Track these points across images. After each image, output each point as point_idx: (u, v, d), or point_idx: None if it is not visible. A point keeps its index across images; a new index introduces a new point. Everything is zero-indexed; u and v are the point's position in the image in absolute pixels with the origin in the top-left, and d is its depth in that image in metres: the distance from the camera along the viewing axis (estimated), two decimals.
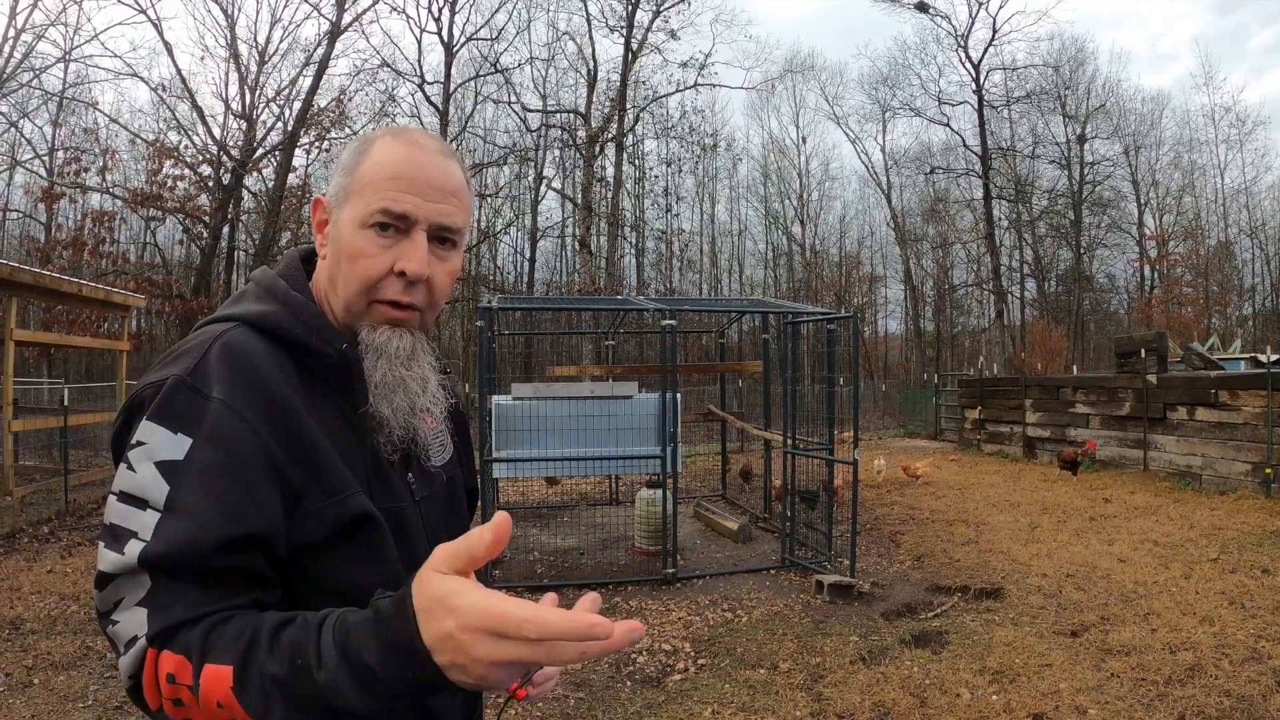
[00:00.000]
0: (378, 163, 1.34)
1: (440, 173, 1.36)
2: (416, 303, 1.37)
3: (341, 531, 1.24)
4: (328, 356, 1.32)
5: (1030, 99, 41.30)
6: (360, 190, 1.34)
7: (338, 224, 1.37)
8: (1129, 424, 14.73)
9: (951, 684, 5.46)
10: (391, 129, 1.41)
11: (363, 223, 1.32)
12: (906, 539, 9.88)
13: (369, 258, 1.33)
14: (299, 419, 1.23)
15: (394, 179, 1.32)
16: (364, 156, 1.36)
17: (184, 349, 1.25)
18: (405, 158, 1.34)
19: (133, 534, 1.09)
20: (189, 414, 1.15)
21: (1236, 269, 42.63)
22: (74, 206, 31.61)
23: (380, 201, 1.31)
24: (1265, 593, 7.18)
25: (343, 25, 29.76)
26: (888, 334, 50.99)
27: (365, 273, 1.33)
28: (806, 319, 9.99)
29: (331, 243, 1.38)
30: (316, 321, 1.34)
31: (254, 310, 1.32)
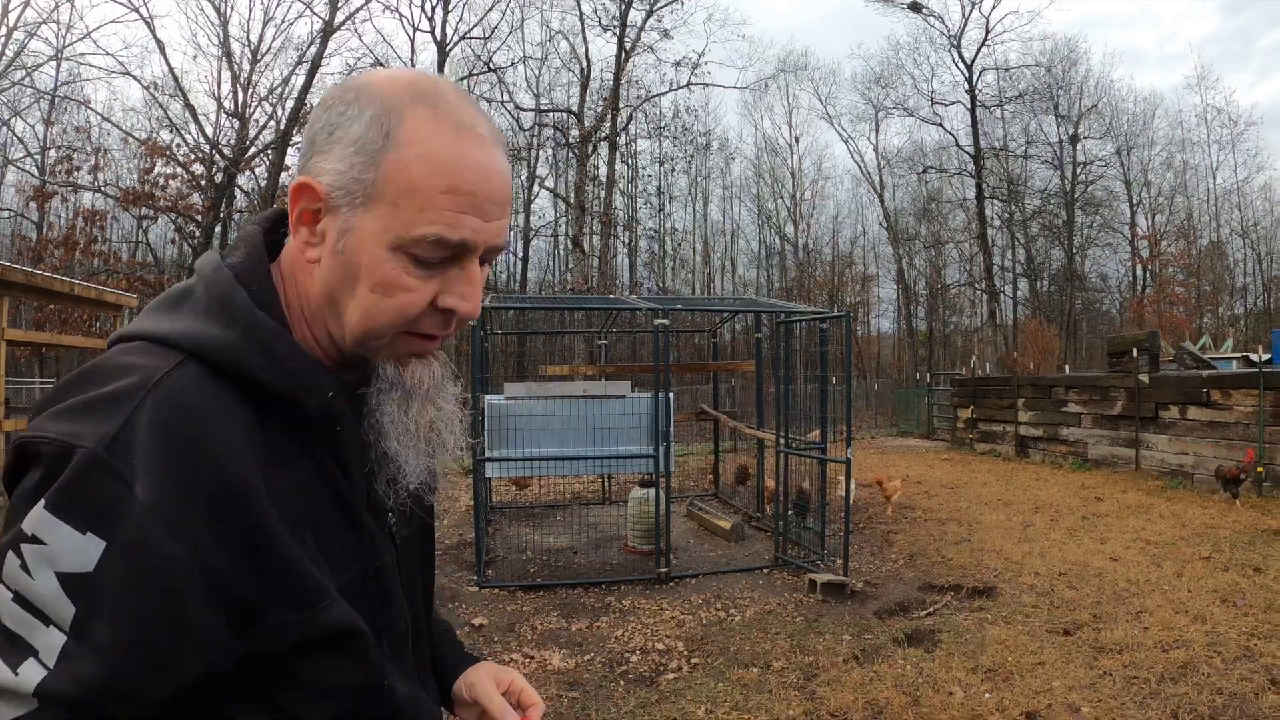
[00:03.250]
0: (424, 160, 0.96)
1: (501, 180, 1.01)
2: (450, 334, 1.09)
3: (311, 646, 0.97)
4: (308, 411, 1.01)
5: (1023, 99, 41.41)
6: (396, 199, 0.96)
7: (353, 233, 0.98)
8: (1121, 423, 14.76)
9: (944, 682, 5.46)
10: (421, 89, 1.00)
11: (400, 246, 0.97)
12: (899, 538, 9.88)
13: (407, 291, 0.99)
14: (256, 512, 0.91)
15: (452, 194, 0.96)
16: (396, 140, 0.96)
17: (100, 392, 0.89)
18: (462, 157, 0.97)
19: (32, 651, 0.82)
20: (104, 509, 0.83)
21: (1228, 269, 42.81)
22: (66, 205, 31.53)
23: (434, 227, 0.96)
24: (1257, 591, 7.20)
25: (335, 24, 29.72)
26: (880, 333, 51.09)
27: (402, 309, 1.00)
28: (799, 318, 9.99)
29: (337, 254, 1.00)
30: (292, 361, 1.00)
31: (205, 336, 0.96)
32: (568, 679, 5.77)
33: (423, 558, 1.30)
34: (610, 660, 6.11)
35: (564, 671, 5.91)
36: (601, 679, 5.78)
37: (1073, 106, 42.11)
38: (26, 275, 12.85)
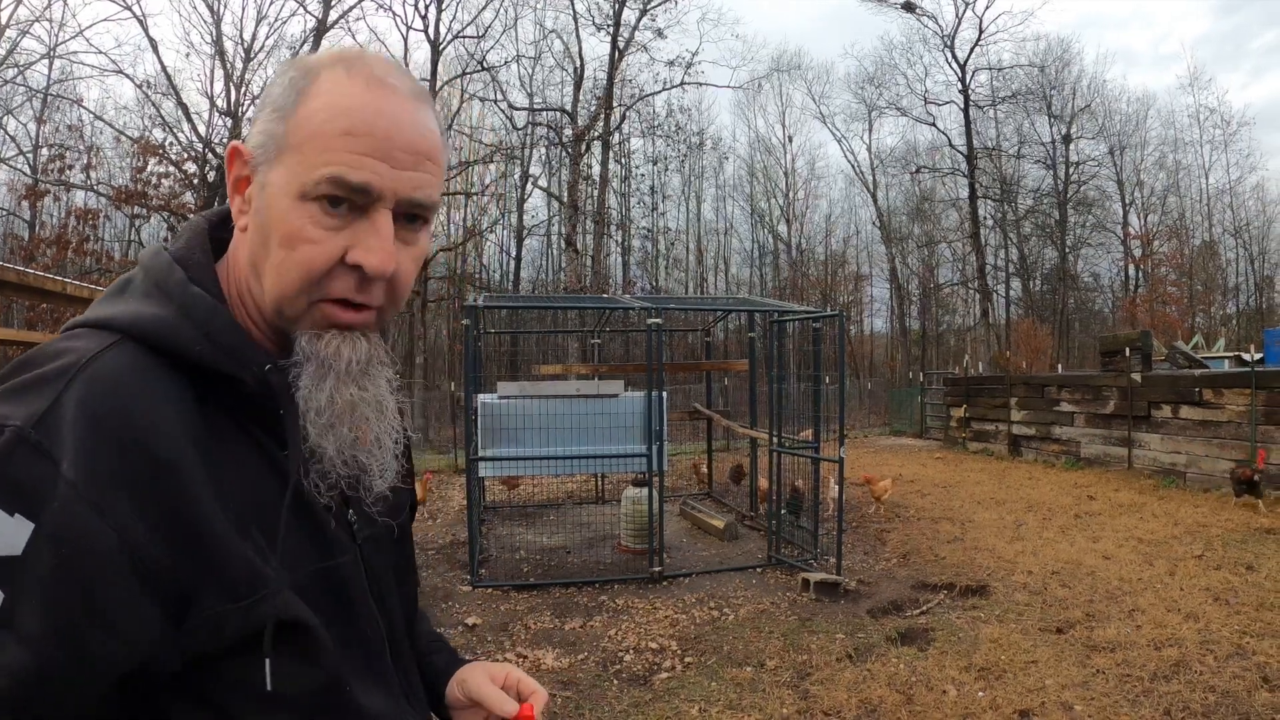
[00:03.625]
0: (328, 107, 0.96)
1: (413, 128, 0.99)
2: (373, 302, 1.01)
3: (251, 641, 0.91)
4: (242, 384, 0.96)
5: (1016, 99, 41.45)
6: (300, 145, 0.96)
7: (266, 189, 0.98)
8: (1114, 422, 14.79)
9: (938, 681, 5.47)
10: (343, 55, 1.01)
11: (303, 193, 0.95)
12: (892, 537, 9.89)
13: (311, 243, 0.96)
14: (190, 493, 0.87)
15: (349, 135, 0.95)
16: (306, 95, 0.97)
17: (36, 373, 0.88)
18: (367, 104, 0.96)
19: None
20: (30, 489, 0.80)
21: (1220, 268, 42.87)
22: (58, 204, 31.45)
23: (330, 167, 0.94)
24: (1249, 589, 7.21)
25: (329, 22, 29.70)
26: (873, 333, 51.04)
27: (307, 264, 0.96)
28: (792, 317, 9.99)
29: (255, 214, 0.99)
30: (227, 335, 0.96)
31: (140, 315, 0.95)
32: (561, 678, 5.77)
33: (397, 562, 1.23)
34: (604, 660, 6.11)
35: (557, 671, 5.91)
36: (595, 678, 5.78)
37: (1066, 106, 42.20)
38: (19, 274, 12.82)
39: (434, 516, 11.97)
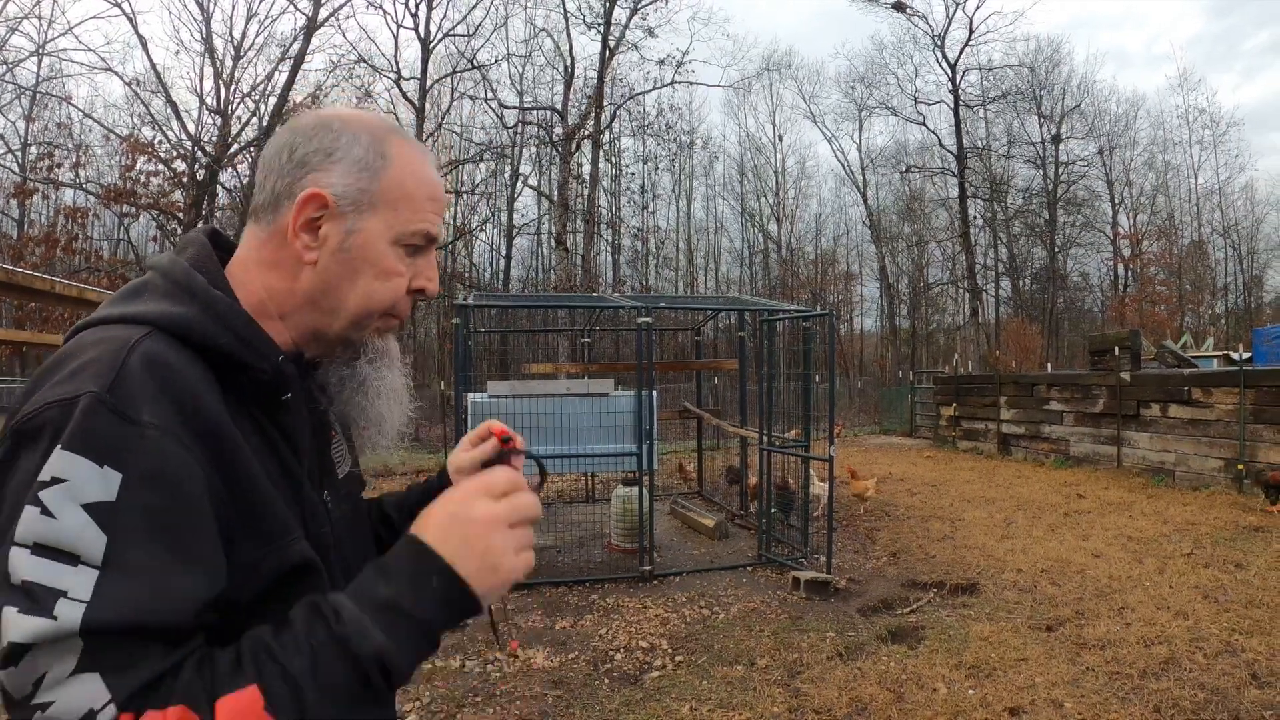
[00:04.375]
0: (415, 176, 1.23)
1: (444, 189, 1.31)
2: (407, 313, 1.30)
3: (279, 584, 1.05)
4: (261, 372, 1.11)
5: (1006, 99, 41.58)
6: (395, 203, 1.20)
7: (362, 234, 1.19)
8: (1103, 421, 14.83)
9: (928, 679, 5.48)
10: (393, 126, 1.27)
11: (397, 239, 1.21)
12: (882, 535, 9.91)
13: (400, 276, 1.23)
14: (237, 448, 1.03)
15: (433, 200, 1.25)
16: (389, 161, 1.21)
17: (83, 360, 0.99)
18: (431, 176, 1.26)
19: (60, 594, 0.85)
20: (115, 442, 0.91)
21: (1209, 268, 43.11)
22: (47, 202, 31.40)
23: (424, 224, 1.23)
24: (1238, 587, 7.24)
25: (319, 20, 29.58)
26: (863, 332, 51.21)
27: (396, 290, 1.23)
28: (782, 316, 10.00)
29: (343, 253, 1.19)
30: (247, 331, 1.11)
31: (167, 312, 1.08)
32: (552, 677, 5.76)
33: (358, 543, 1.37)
34: (595, 659, 6.10)
35: (548, 670, 5.90)
36: (586, 677, 5.77)
37: (1055, 107, 42.35)
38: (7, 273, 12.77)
39: None
